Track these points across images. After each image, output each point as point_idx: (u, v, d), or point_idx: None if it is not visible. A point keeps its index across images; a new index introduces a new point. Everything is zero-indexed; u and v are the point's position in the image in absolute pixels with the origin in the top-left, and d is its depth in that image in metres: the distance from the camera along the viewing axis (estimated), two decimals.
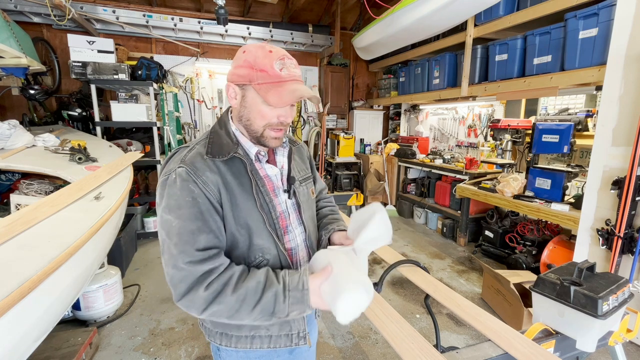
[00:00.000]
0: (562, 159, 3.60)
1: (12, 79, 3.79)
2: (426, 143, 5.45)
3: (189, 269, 0.75)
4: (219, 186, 0.82)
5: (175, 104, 4.59)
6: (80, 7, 4.07)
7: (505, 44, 3.32)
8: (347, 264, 0.81)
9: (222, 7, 3.88)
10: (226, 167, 0.85)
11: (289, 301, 0.77)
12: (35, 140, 2.68)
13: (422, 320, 2.59)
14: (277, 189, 0.94)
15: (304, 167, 1.07)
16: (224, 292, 0.76)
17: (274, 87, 0.80)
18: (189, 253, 0.76)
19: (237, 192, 0.85)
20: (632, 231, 2.16)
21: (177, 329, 2.43)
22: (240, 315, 0.77)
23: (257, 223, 0.86)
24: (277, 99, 0.80)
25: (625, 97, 2.15)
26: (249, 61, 0.80)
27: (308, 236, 1.01)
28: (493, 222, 3.71)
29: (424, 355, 1.03)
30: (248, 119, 0.86)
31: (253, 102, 0.83)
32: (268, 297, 0.77)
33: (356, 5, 5.29)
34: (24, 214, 1.49)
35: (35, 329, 1.31)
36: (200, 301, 0.75)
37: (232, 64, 0.85)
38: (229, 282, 0.77)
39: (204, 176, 0.80)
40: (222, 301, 0.75)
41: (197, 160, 0.82)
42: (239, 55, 0.84)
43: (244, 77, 0.81)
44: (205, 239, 0.78)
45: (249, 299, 0.76)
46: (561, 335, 1.19)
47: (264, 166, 0.93)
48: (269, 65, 0.79)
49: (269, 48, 0.82)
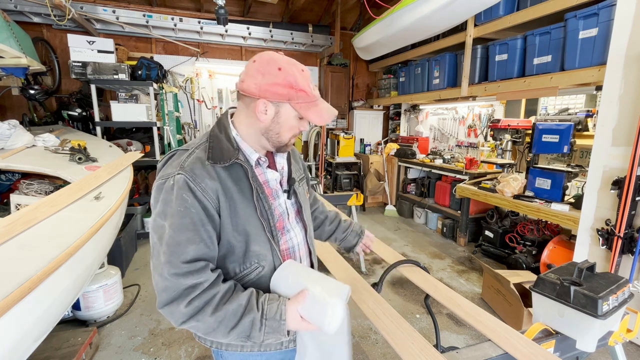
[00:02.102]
0: (562, 159, 3.60)
1: (12, 79, 3.79)
2: (426, 143, 5.45)
3: (173, 281, 0.76)
4: (218, 193, 0.82)
5: (175, 104, 4.59)
6: (80, 7, 4.07)
7: (505, 44, 3.32)
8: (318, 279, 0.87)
9: (222, 7, 3.88)
10: (226, 173, 0.85)
11: (265, 330, 0.79)
12: (35, 140, 2.68)
13: (422, 320, 2.59)
14: (276, 192, 0.96)
15: (298, 167, 1.10)
16: (204, 311, 0.76)
17: (313, 107, 0.85)
18: (175, 265, 0.76)
19: (237, 198, 0.85)
20: (632, 231, 2.16)
21: (177, 329, 2.43)
22: (216, 335, 0.79)
23: (255, 229, 0.87)
24: (318, 118, 0.85)
25: (625, 97, 2.15)
26: (289, 81, 0.81)
27: (309, 234, 1.04)
28: (493, 222, 3.71)
29: (424, 355, 1.03)
30: (278, 133, 0.87)
31: (287, 119, 0.86)
32: (245, 323, 0.78)
33: (356, 5, 5.29)
34: (24, 214, 1.49)
35: (35, 329, 1.31)
36: (180, 315, 0.76)
37: (262, 79, 0.81)
38: (210, 302, 0.77)
39: (203, 183, 0.80)
40: (200, 319, 0.77)
41: (196, 166, 0.82)
42: (271, 71, 0.81)
43: (283, 95, 0.82)
44: (194, 249, 0.78)
45: (227, 322, 0.77)
46: (561, 335, 1.19)
47: (264, 171, 0.94)
48: (307, 86, 0.83)
49: (300, 67, 0.85)
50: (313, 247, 1.08)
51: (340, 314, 0.79)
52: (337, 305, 0.79)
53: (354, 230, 1.34)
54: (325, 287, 0.83)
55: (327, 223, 1.31)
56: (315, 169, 5.83)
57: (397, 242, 4.25)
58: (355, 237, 1.32)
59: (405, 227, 4.84)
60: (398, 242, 4.25)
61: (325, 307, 0.79)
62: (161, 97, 4.03)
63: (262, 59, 0.83)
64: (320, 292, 0.81)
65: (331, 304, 0.78)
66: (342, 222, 1.34)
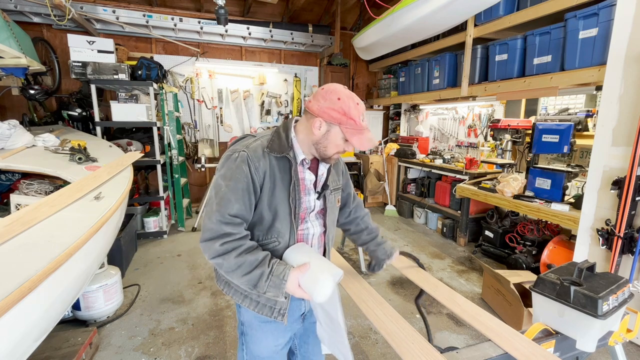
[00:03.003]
0: (562, 159, 3.60)
1: (12, 79, 3.79)
2: (426, 143, 5.45)
3: (217, 225, 0.98)
4: (266, 174, 1.04)
5: (175, 104, 4.59)
6: (80, 7, 4.07)
7: (505, 44, 3.32)
8: (320, 259, 1.04)
9: (222, 7, 3.88)
10: (276, 162, 1.06)
11: (269, 283, 0.98)
12: (35, 140, 2.68)
13: (422, 320, 2.58)
14: (308, 190, 1.15)
15: (337, 179, 1.28)
16: (230, 254, 0.97)
17: (357, 134, 1.04)
18: (222, 214, 0.99)
19: (278, 183, 1.06)
20: (632, 231, 2.16)
21: (177, 329, 2.43)
22: (233, 275, 0.99)
23: (283, 211, 1.08)
24: (359, 144, 1.04)
25: (625, 97, 2.15)
26: (343, 109, 1.00)
27: (327, 235, 1.24)
28: (493, 222, 3.71)
29: (424, 355, 1.03)
30: (325, 147, 1.07)
31: (335, 138, 1.05)
32: (256, 273, 0.98)
33: (356, 5, 5.29)
34: (24, 214, 1.49)
35: (35, 329, 1.31)
36: (213, 251, 0.98)
37: (323, 102, 1.02)
38: (237, 248, 0.98)
39: (257, 162, 1.02)
40: (226, 258, 0.97)
41: (257, 150, 1.04)
42: (332, 98, 1.01)
43: (336, 119, 1.01)
44: (238, 208, 1.00)
45: (243, 267, 0.97)
46: (561, 335, 1.19)
47: (304, 170, 1.13)
48: (357, 117, 1.02)
49: (356, 100, 1.03)
50: (329, 247, 1.28)
51: (328, 289, 0.95)
52: (327, 281, 0.95)
53: (385, 249, 1.45)
54: (323, 266, 1.00)
55: (365, 232, 1.46)
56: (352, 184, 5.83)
57: (397, 242, 4.25)
58: (383, 255, 1.43)
59: (405, 227, 4.84)
60: (398, 242, 4.25)
61: (317, 281, 0.96)
62: (161, 97, 4.03)
63: (329, 88, 1.04)
64: (318, 269, 0.99)
65: (322, 279, 0.96)
66: (378, 237, 1.48)
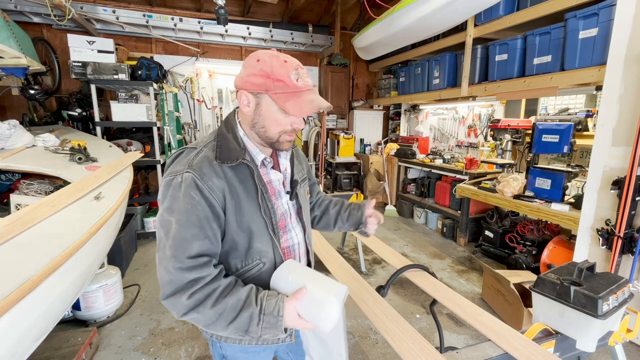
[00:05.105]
0: (562, 159, 3.60)
1: (12, 79, 3.79)
2: (426, 143, 5.45)
3: (177, 275, 0.78)
4: (224, 192, 0.84)
5: (175, 104, 4.59)
6: (80, 7, 4.07)
7: (505, 44, 3.32)
8: (317, 279, 0.87)
9: (222, 7, 3.88)
10: (233, 173, 0.86)
11: (262, 325, 0.79)
12: (35, 140, 2.68)
13: (422, 320, 2.59)
14: (279, 192, 0.97)
15: (301, 168, 1.11)
16: (205, 303, 0.78)
17: (292, 97, 0.82)
18: (180, 259, 0.78)
19: (243, 197, 0.87)
20: (632, 231, 2.16)
21: (177, 329, 2.43)
22: (215, 328, 0.80)
23: (259, 227, 0.89)
24: (297, 109, 0.82)
25: (625, 97, 2.15)
26: (265, 70, 0.81)
27: (307, 234, 1.07)
28: (493, 222, 3.71)
29: (424, 355, 1.03)
30: (263, 127, 0.87)
31: (269, 111, 0.84)
32: (244, 317, 0.79)
33: (356, 5, 5.29)
34: (24, 214, 1.49)
35: (35, 329, 1.31)
36: (181, 307, 0.78)
37: (243, 71, 0.84)
38: (211, 295, 0.79)
39: (210, 182, 0.82)
40: (201, 311, 0.78)
41: (204, 165, 0.83)
42: (251, 63, 0.83)
43: (260, 85, 0.82)
44: (199, 245, 0.80)
45: (226, 315, 0.79)
46: (561, 335, 1.19)
47: (268, 172, 0.96)
48: (286, 76, 0.81)
49: (283, 57, 0.83)
50: (311, 246, 1.10)
51: (336, 313, 0.79)
52: (334, 304, 0.79)
53: (355, 204, 1.27)
54: (323, 286, 0.84)
55: (330, 206, 1.28)
56: (316, 169, 5.82)
57: (397, 242, 4.25)
58: (358, 209, 1.24)
59: (405, 227, 4.84)
60: (398, 242, 4.25)
61: (321, 306, 0.79)
62: (161, 97, 4.03)
63: (250, 55, 0.86)
64: (318, 291, 0.82)
65: (328, 303, 0.79)
66: (344, 202, 1.30)
